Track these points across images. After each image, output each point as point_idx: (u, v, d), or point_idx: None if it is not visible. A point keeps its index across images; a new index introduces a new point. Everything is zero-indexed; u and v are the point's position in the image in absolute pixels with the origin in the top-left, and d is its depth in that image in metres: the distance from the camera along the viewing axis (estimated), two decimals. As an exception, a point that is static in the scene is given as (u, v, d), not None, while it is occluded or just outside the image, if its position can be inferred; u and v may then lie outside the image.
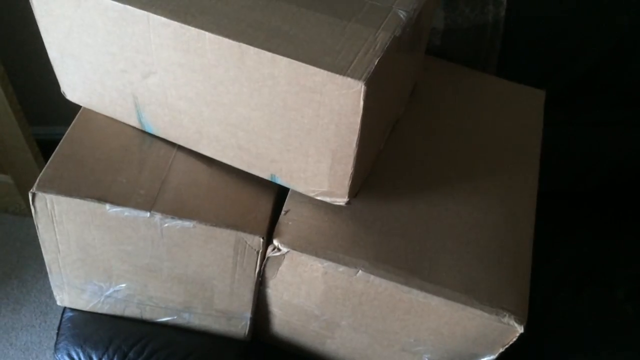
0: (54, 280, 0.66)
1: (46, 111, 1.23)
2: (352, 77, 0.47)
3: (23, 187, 1.24)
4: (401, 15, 0.54)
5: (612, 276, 0.82)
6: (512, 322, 0.56)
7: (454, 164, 0.67)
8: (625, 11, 0.79)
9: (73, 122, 0.64)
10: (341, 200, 0.57)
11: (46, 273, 1.21)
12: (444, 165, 0.66)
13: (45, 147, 1.19)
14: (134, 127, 0.64)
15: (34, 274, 1.23)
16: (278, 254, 0.58)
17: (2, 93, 1.02)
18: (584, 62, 0.84)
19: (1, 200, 1.28)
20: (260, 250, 0.59)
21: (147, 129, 0.63)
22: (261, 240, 0.58)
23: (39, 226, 0.60)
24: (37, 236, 1.27)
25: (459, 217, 0.62)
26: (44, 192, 0.57)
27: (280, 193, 0.63)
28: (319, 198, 0.58)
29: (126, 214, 0.57)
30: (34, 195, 0.57)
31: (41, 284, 1.22)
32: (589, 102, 0.86)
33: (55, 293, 0.69)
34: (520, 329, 0.56)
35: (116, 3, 0.52)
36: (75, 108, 0.66)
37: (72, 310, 0.70)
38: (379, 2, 0.54)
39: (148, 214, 0.57)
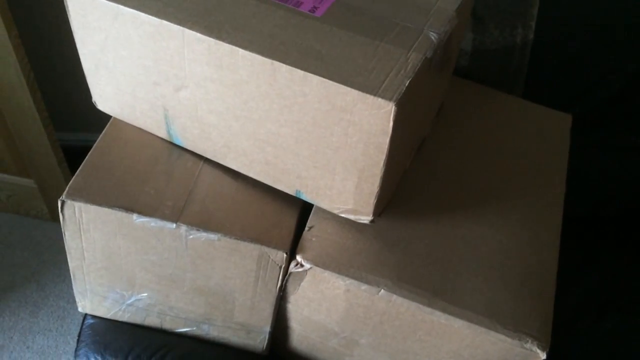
0: (77, 286, 0.67)
1: (72, 117, 1.26)
2: (382, 97, 0.48)
3: (46, 191, 1.26)
4: (432, 37, 0.54)
5: (635, 302, 0.81)
6: (535, 348, 0.55)
7: (479, 185, 0.67)
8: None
9: (103, 131, 0.65)
10: (366, 219, 0.58)
11: (65, 278, 1.24)
12: (469, 187, 0.66)
13: (69, 153, 1.21)
14: (162, 139, 0.64)
15: (53, 279, 1.24)
16: (301, 269, 0.59)
17: (30, 99, 1.04)
18: (610, 87, 0.84)
19: (24, 204, 1.30)
20: (283, 266, 0.59)
21: (176, 141, 0.63)
22: (284, 255, 0.58)
23: (66, 233, 0.61)
24: (57, 241, 1.28)
25: (483, 239, 0.62)
26: (73, 200, 0.58)
27: (304, 209, 0.63)
28: (343, 215, 0.59)
29: (152, 224, 0.58)
30: (62, 202, 0.58)
31: (59, 289, 1.23)
32: (615, 127, 0.86)
33: (77, 299, 0.69)
34: (543, 355, 0.56)
35: (153, 17, 0.53)
36: (100, 116, 0.67)
37: (93, 317, 0.71)
38: (410, 24, 0.55)
39: (174, 225, 0.58)
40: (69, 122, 1.26)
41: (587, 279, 0.83)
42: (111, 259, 0.62)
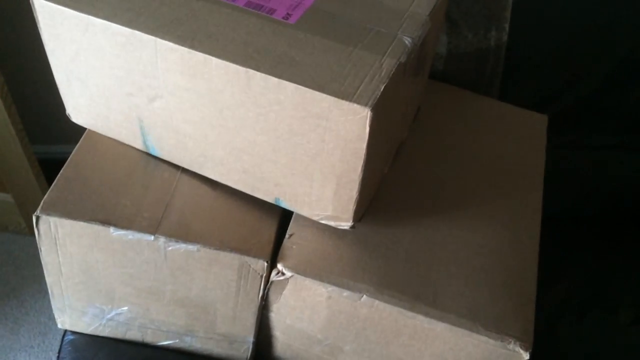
0: (55, 303, 0.66)
1: (48, 130, 1.24)
2: (358, 103, 0.48)
3: (23, 206, 1.24)
4: (406, 42, 0.54)
5: (615, 300, 0.82)
6: (518, 349, 0.56)
7: (458, 188, 0.67)
8: (625, 37, 0.80)
9: (77, 144, 0.64)
10: (346, 225, 0.57)
11: (45, 293, 1.22)
12: (448, 190, 0.67)
13: (46, 166, 1.19)
14: (138, 150, 0.64)
15: (33, 294, 1.22)
16: (282, 278, 0.58)
17: (4, 112, 1.03)
18: (584, 87, 0.85)
19: (1, 219, 1.28)
20: (264, 275, 0.58)
21: (152, 152, 0.63)
22: (265, 264, 0.58)
23: (42, 249, 0.60)
24: (36, 256, 1.26)
25: (463, 241, 0.62)
26: (48, 214, 0.57)
27: (283, 216, 0.63)
28: (323, 222, 0.58)
29: (130, 237, 0.57)
30: (37, 218, 0.57)
31: (40, 304, 1.21)
32: (589, 127, 0.87)
33: (56, 316, 0.68)
34: (526, 356, 0.56)
35: (124, 28, 0.52)
36: (77, 128, 0.66)
37: (73, 333, 0.69)
38: (384, 29, 0.55)
39: (152, 237, 0.57)
40: (45, 134, 1.24)
41: (567, 277, 0.84)
42: (89, 274, 0.61)
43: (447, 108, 0.75)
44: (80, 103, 0.62)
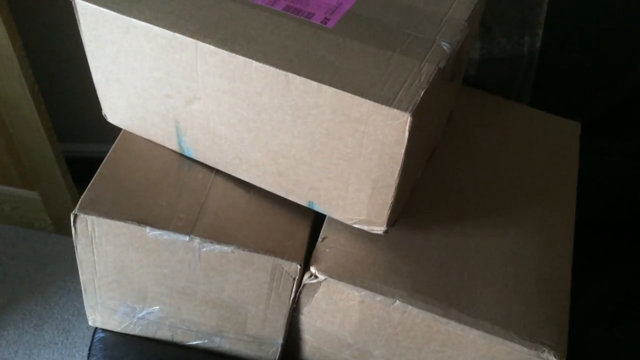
0: (88, 300, 0.67)
1: (76, 129, 1.26)
2: (398, 108, 0.48)
3: (50, 203, 1.25)
4: (445, 47, 0.54)
5: (646, 310, 0.81)
6: (552, 358, 0.55)
7: (490, 194, 0.67)
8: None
9: (114, 144, 0.64)
10: (379, 229, 0.57)
11: (69, 290, 1.23)
12: (481, 195, 0.66)
13: (74, 165, 1.21)
14: (172, 151, 0.64)
15: (57, 291, 1.24)
16: (315, 281, 0.58)
17: (34, 111, 1.04)
18: (618, 93, 0.84)
19: (27, 216, 1.30)
20: (297, 277, 0.59)
21: (187, 153, 0.63)
22: (298, 267, 0.58)
23: (78, 247, 0.60)
24: (61, 253, 1.28)
25: (496, 248, 0.62)
26: (86, 213, 0.58)
27: (316, 219, 0.63)
28: (356, 226, 0.58)
29: (165, 237, 0.58)
30: (75, 216, 0.58)
31: (64, 301, 1.22)
32: (623, 133, 0.86)
33: (88, 313, 0.69)
34: (560, 365, 0.55)
35: (165, 30, 0.53)
36: (104, 127, 0.66)
37: (104, 330, 0.70)
38: (422, 34, 0.55)
39: (187, 238, 0.57)
40: (73, 133, 1.26)
41: (599, 285, 0.83)
42: (123, 273, 0.62)
43: (479, 114, 0.75)
44: (117, 104, 0.63)
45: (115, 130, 0.66)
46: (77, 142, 1.27)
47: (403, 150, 0.50)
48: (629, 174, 0.88)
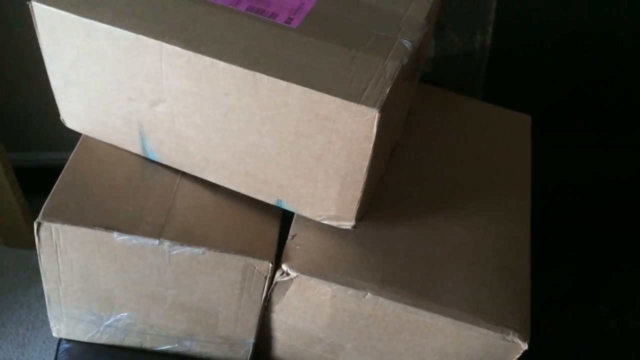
0: (52, 311, 0.65)
1: (23, 137, 1.21)
2: (366, 104, 0.49)
3: (-2, 215, 1.20)
4: (406, 45, 0.56)
5: (597, 292, 0.86)
6: (517, 340, 0.58)
7: (451, 186, 0.69)
8: (604, 37, 0.84)
9: (74, 150, 0.63)
10: (348, 224, 0.59)
11: (22, 304, 1.19)
12: (442, 188, 0.68)
13: (22, 174, 1.16)
14: (135, 155, 0.63)
15: (10, 305, 1.19)
16: (286, 278, 0.59)
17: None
18: (566, 87, 0.88)
19: (-27, 229, 1.24)
20: (269, 276, 0.59)
21: (151, 156, 0.62)
22: (270, 265, 0.58)
23: (42, 256, 0.59)
24: (10, 266, 1.23)
25: (459, 238, 0.64)
26: (50, 221, 0.56)
27: (283, 217, 0.63)
28: (325, 222, 0.59)
29: (134, 242, 0.57)
30: (39, 224, 0.56)
31: (17, 316, 1.18)
32: (570, 126, 0.90)
33: (51, 324, 0.67)
34: (525, 346, 0.58)
35: (128, 32, 0.52)
36: (55, 135, 0.65)
37: (69, 341, 0.68)
38: (384, 32, 0.56)
39: (157, 242, 0.57)
40: (21, 142, 1.21)
41: (552, 271, 0.87)
42: (89, 280, 0.61)
43: (436, 109, 0.77)
44: (77, 108, 0.62)
45: (66, 138, 0.64)
46: (26, 150, 1.22)
47: (371, 146, 0.51)
48: (577, 164, 0.92)
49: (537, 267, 0.66)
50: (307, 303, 0.61)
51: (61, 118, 0.64)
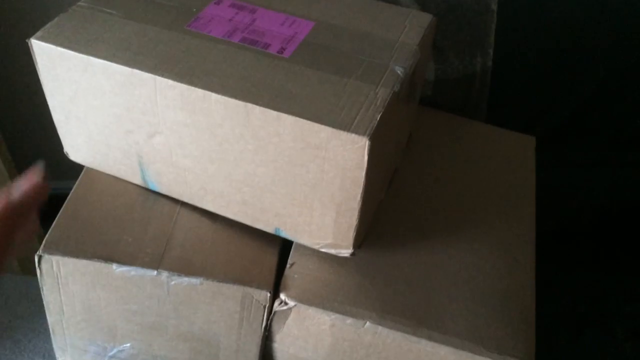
0: (57, 342, 0.66)
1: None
2: (356, 133, 0.49)
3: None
4: (398, 72, 0.56)
5: (610, 316, 0.83)
6: (521, 369, 0.56)
7: (452, 211, 0.68)
8: (604, 58, 0.83)
9: (77, 182, 0.64)
10: (346, 252, 0.58)
11: (39, 332, 1.20)
12: (443, 213, 0.68)
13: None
14: (137, 186, 0.64)
15: (26, 333, 1.20)
16: (285, 307, 0.58)
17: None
18: (569, 107, 0.87)
19: (-8, 259, 1.26)
20: (267, 305, 0.59)
21: (151, 187, 0.63)
22: (268, 294, 0.58)
23: (44, 288, 0.60)
24: (29, 295, 1.25)
25: (461, 264, 0.63)
26: (50, 254, 0.57)
27: (284, 246, 0.63)
28: (323, 250, 0.59)
29: (133, 273, 0.57)
30: (40, 257, 0.57)
31: (34, 344, 1.19)
32: (576, 144, 0.89)
33: (57, 355, 0.67)
34: (529, 375, 0.56)
35: (123, 67, 0.53)
36: (67, 165, 0.66)
37: (74, 372, 0.69)
38: (376, 60, 0.57)
39: (155, 272, 0.57)
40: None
41: (564, 293, 0.85)
42: (91, 311, 0.61)
43: (437, 133, 0.77)
44: (79, 141, 0.63)
45: (77, 166, 0.66)
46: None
47: (364, 174, 0.51)
48: (585, 183, 0.90)
49: (548, 289, 0.65)
50: (307, 332, 0.60)
51: (65, 151, 0.65)
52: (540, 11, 0.81)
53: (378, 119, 0.50)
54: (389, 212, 0.66)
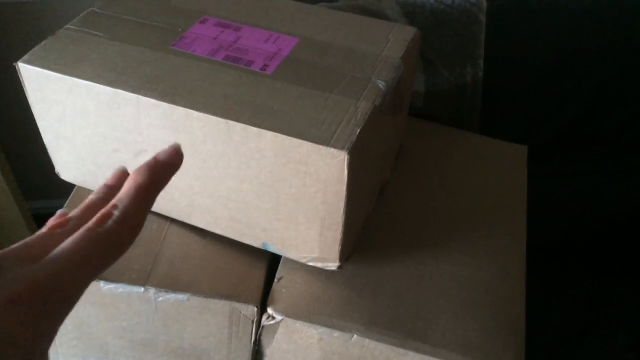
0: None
1: (42, 186, 1.25)
2: (335, 147, 0.49)
3: (20, 262, 1.24)
4: (380, 85, 0.56)
5: (612, 325, 0.82)
6: (511, 381, 0.56)
7: (443, 223, 0.68)
8: (598, 67, 0.83)
9: (67, 201, 0.65)
10: (333, 265, 0.58)
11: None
12: (433, 226, 0.68)
13: (43, 222, 1.20)
14: (127, 203, 0.65)
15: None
16: (273, 322, 0.59)
17: (-2, 170, 1.04)
18: (562, 117, 0.87)
19: (-2, 277, 1.28)
20: (255, 320, 0.59)
21: (140, 204, 0.64)
22: (255, 309, 0.58)
23: (35, 306, 0.60)
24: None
25: (451, 276, 0.63)
26: (39, 272, 0.58)
27: (272, 260, 0.64)
28: (311, 264, 0.59)
29: (120, 290, 0.58)
30: (29, 276, 0.58)
31: None
32: (574, 154, 0.89)
33: (51, 373, 0.68)
34: (519, 387, 0.56)
35: (107, 88, 0.54)
36: (69, 183, 0.67)
37: (69, 389, 0.69)
38: (358, 74, 0.57)
39: (142, 289, 0.58)
40: (40, 190, 1.25)
41: (562, 305, 0.84)
42: (82, 329, 0.62)
43: (429, 145, 0.77)
44: (69, 161, 0.64)
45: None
46: (45, 198, 1.26)
47: (345, 188, 0.51)
48: (585, 192, 0.90)
49: (549, 299, 0.64)
50: (296, 346, 0.60)
51: (56, 171, 0.66)
52: (532, 21, 0.81)
53: (358, 133, 0.51)
54: (378, 225, 0.66)
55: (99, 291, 0.58)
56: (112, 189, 0.34)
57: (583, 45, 0.83)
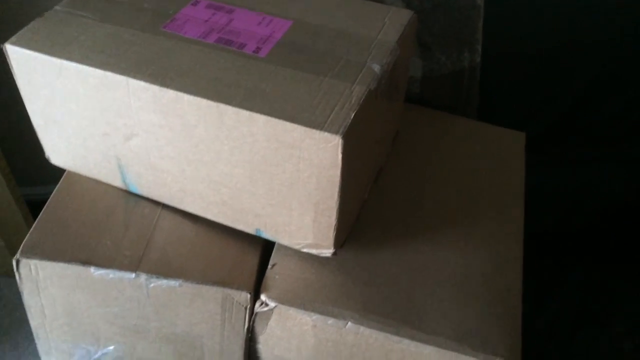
0: (41, 346, 0.66)
1: (34, 171, 1.24)
2: (329, 131, 0.48)
3: (13, 248, 1.23)
4: (375, 69, 0.55)
5: (608, 314, 0.82)
6: (505, 368, 0.55)
7: (439, 210, 0.67)
8: (597, 53, 0.81)
9: (57, 186, 0.64)
10: (327, 252, 0.57)
11: (38, 335, 1.20)
12: (429, 212, 0.67)
13: (36, 208, 1.19)
14: (118, 188, 0.64)
15: (27, 336, 1.21)
16: (266, 309, 0.58)
17: (-10, 156, 1.03)
18: (561, 104, 0.86)
19: (-9, 263, 1.27)
20: (248, 306, 0.58)
21: (132, 189, 0.63)
22: (248, 295, 0.57)
23: (24, 292, 0.60)
24: (28, 298, 1.25)
25: (446, 262, 0.62)
26: (28, 257, 0.57)
27: (266, 246, 0.63)
28: (305, 250, 0.58)
29: (111, 275, 0.57)
30: (17, 261, 0.57)
31: (34, 347, 1.18)
32: (573, 141, 0.88)
33: (43, 359, 0.67)
34: (514, 375, 0.56)
35: (96, 70, 0.53)
36: (61, 168, 0.66)
37: (61, 375, 0.69)
38: (353, 58, 0.56)
39: (133, 275, 0.57)
40: (33, 176, 1.24)
41: (557, 294, 0.84)
42: (73, 315, 0.61)
43: (426, 130, 0.76)
44: (59, 145, 0.63)
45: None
46: (37, 184, 1.25)
47: (339, 172, 0.50)
48: (581, 180, 0.89)
49: (545, 287, 0.64)
50: (290, 333, 0.60)
51: (46, 155, 0.65)
52: (531, 7, 0.80)
53: (352, 117, 0.50)
54: (374, 211, 0.65)
55: (89, 277, 0.57)
56: None
57: (581, 33, 0.82)
